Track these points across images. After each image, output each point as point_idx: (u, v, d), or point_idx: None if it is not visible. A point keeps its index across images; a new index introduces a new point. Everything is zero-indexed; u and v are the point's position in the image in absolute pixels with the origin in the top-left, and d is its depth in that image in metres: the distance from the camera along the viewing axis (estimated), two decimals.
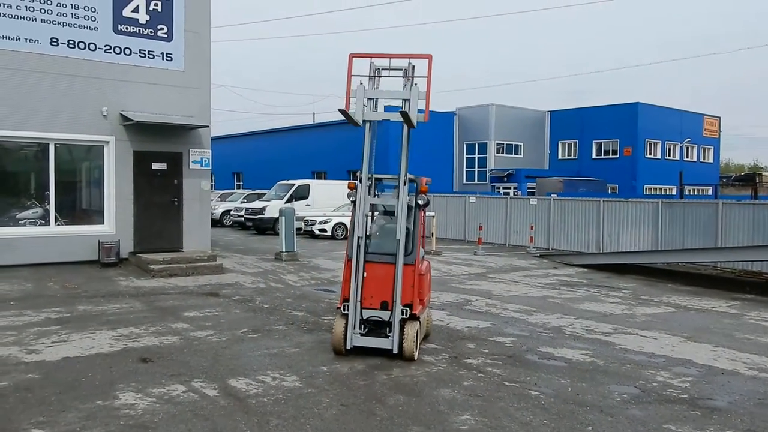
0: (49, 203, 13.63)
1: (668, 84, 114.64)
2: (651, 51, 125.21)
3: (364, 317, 7.20)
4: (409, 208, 7.41)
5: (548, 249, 20.42)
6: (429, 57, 7.42)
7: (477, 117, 43.14)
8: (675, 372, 7.04)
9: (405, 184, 7.31)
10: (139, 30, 14.19)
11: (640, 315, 10.50)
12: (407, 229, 7.32)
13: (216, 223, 25.75)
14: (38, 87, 13.17)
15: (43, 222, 13.64)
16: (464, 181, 43.19)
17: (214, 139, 16.04)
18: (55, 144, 13.58)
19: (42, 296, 10.63)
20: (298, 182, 26.92)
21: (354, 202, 7.40)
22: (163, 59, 14.51)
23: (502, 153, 43.07)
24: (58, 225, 13.73)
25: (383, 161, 37.79)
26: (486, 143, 42.58)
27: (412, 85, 7.47)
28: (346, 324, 7.16)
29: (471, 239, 22.78)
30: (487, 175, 41.78)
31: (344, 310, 7.19)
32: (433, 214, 21.41)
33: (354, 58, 7.55)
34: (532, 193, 34.45)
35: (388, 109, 9.45)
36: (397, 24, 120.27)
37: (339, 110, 7.18)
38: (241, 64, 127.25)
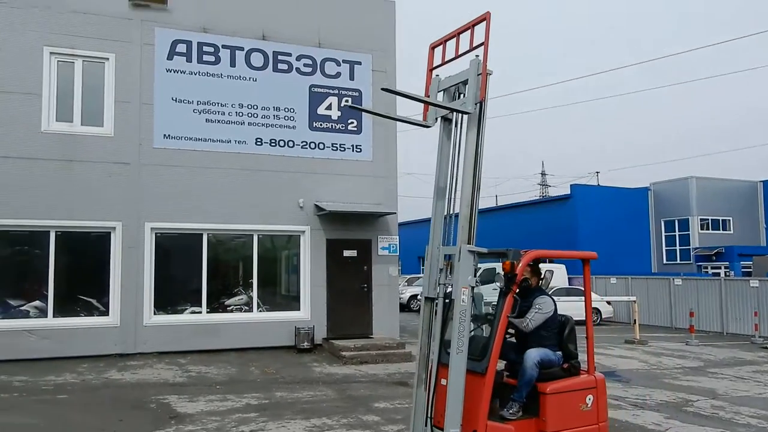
0: (252, 290, 14.53)
1: None
2: None
3: None
4: (500, 292, 5.48)
5: None
6: (486, 17, 5.43)
7: (674, 191, 39.78)
8: None
9: (473, 223, 5.24)
10: (332, 125, 15.12)
11: None
12: (481, 318, 5.69)
13: (403, 308, 25.87)
14: (243, 183, 14.40)
15: (247, 308, 14.52)
16: (664, 261, 39.53)
17: (399, 224, 16.27)
18: (258, 235, 14.61)
19: (244, 381, 11.07)
20: (483, 266, 26.24)
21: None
22: (353, 151, 15.23)
23: (707, 229, 38.97)
24: (260, 311, 14.53)
25: (572, 237, 35.63)
26: (687, 219, 38.91)
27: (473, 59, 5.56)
28: None
29: (679, 326, 20.41)
30: (692, 254, 37.89)
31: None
32: (634, 298, 19.60)
33: (435, 49, 6.04)
34: (748, 273, 30.41)
35: None
36: (564, 102, 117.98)
37: (350, 105, 5.28)
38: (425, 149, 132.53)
